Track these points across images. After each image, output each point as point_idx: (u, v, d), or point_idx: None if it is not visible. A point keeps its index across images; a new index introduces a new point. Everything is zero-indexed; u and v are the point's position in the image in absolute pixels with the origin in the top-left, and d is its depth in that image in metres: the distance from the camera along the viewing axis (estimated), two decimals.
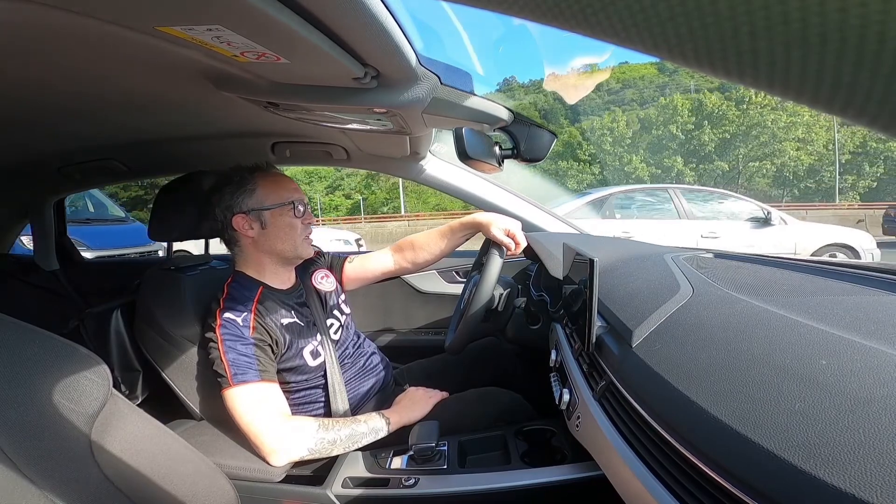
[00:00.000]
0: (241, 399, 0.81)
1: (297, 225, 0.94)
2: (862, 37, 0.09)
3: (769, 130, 24.20)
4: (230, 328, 0.84)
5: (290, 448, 0.80)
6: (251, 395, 0.82)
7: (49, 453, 0.44)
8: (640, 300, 0.60)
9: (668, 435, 0.39)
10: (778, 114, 23.94)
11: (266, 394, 0.83)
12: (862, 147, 23.53)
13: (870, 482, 0.25)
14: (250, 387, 0.82)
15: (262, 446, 0.80)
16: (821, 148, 24.01)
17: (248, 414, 0.81)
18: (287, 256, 0.96)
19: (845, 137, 23.78)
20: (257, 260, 0.95)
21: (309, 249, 0.98)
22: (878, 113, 0.10)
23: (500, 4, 0.14)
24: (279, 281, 0.98)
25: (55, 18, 0.44)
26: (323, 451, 0.82)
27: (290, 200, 0.93)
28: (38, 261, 1.69)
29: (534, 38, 49.67)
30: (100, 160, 1.27)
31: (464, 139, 0.84)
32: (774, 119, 23.97)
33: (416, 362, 1.22)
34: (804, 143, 23.93)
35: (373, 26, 0.46)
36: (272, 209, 0.92)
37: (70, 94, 0.75)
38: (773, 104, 23.78)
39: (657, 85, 34.50)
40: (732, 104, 25.17)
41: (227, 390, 0.82)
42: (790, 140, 23.95)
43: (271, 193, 0.92)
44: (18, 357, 0.47)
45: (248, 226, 0.92)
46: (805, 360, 0.36)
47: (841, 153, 23.58)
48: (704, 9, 0.10)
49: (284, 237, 0.93)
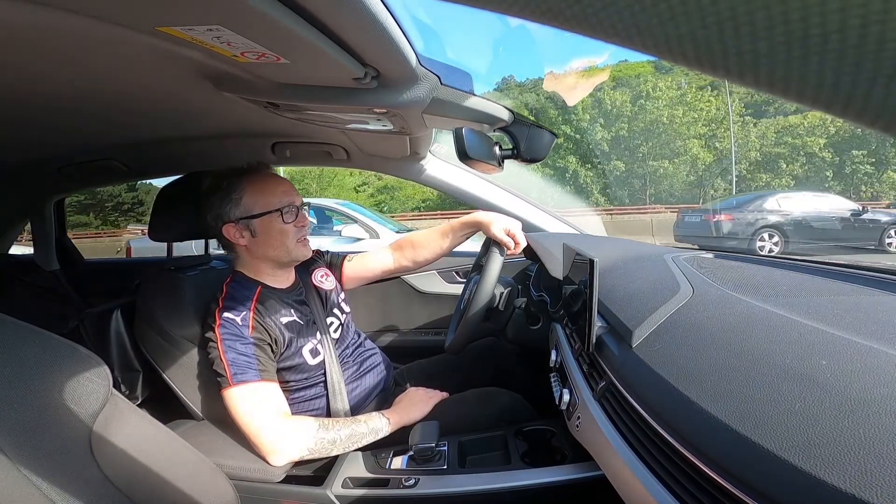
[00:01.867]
0: (240, 399, 0.81)
1: (288, 230, 0.92)
2: (862, 37, 0.09)
3: (670, 128, 23.08)
4: (229, 327, 0.84)
5: (289, 448, 0.80)
6: (251, 395, 0.82)
7: (49, 453, 0.44)
8: (640, 300, 0.60)
9: (668, 435, 0.39)
10: (676, 109, 22.83)
11: (266, 393, 0.83)
12: (777, 143, 22.97)
13: (870, 482, 0.25)
14: (250, 386, 0.82)
15: (261, 446, 0.80)
16: (729, 145, 23.13)
17: (247, 414, 0.81)
18: (282, 261, 0.96)
19: (760, 132, 23.06)
20: (254, 264, 0.95)
21: (305, 251, 0.96)
22: (878, 113, 0.10)
23: (500, 4, 0.14)
24: (278, 281, 0.98)
25: (55, 18, 0.44)
26: (323, 451, 0.82)
27: (278, 207, 0.90)
28: (38, 261, 1.69)
29: (533, 38, 49.51)
30: (100, 160, 1.27)
31: (464, 139, 0.84)
32: (671, 115, 22.80)
33: (416, 362, 1.22)
34: (708, 140, 23.00)
35: (373, 26, 0.46)
36: (260, 217, 0.90)
37: (70, 94, 0.75)
38: (672, 100, 22.88)
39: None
40: (628, 101, 24.02)
41: (227, 390, 0.82)
42: (694, 137, 22.91)
43: (259, 201, 0.90)
44: (18, 357, 0.47)
45: (238, 235, 0.91)
46: (805, 360, 0.36)
47: (750, 150, 22.92)
48: (704, 9, 0.10)
49: (276, 244, 0.92)
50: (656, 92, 23.13)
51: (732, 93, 22.89)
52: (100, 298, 1.21)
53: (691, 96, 23.44)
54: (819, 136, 22.68)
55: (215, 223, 0.92)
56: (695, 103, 23.08)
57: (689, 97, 23.33)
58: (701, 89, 23.85)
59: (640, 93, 23.85)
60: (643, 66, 33.87)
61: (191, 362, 0.96)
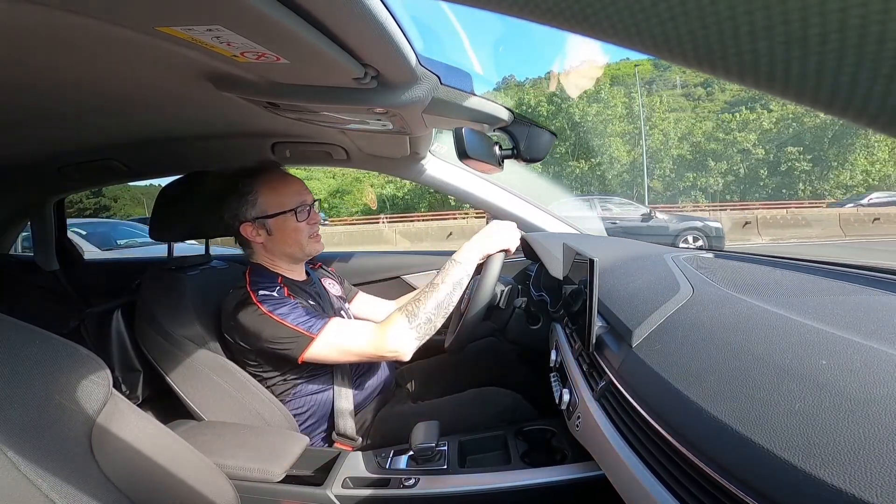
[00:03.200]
0: (331, 344, 0.83)
1: (301, 228, 0.96)
2: (862, 37, 0.09)
3: (590, 126, 22.80)
4: (271, 301, 0.86)
5: (403, 346, 0.83)
6: (338, 333, 0.84)
7: (49, 453, 0.44)
8: (640, 300, 0.60)
9: (668, 434, 0.39)
10: (592, 107, 22.44)
11: (345, 324, 0.87)
12: (708, 142, 22.59)
13: (870, 482, 0.25)
14: (329, 327, 0.84)
15: (385, 357, 0.84)
16: (658, 143, 22.80)
17: (351, 346, 0.83)
18: (297, 257, 1.00)
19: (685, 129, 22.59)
20: (270, 259, 0.99)
21: (318, 246, 1.00)
22: (877, 113, 0.10)
23: (500, 4, 0.14)
24: (294, 274, 1.01)
25: (55, 19, 0.44)
26: (428, 331, 0.85)
27: (292, 207, 0.94)
28: (38, 261, 1.69)
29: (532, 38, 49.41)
30: (100, 160, 1.27)
31: (464, 139, 0.84)
32: (583, 114, 22.52)
33: (417, 362, 1.22)
34: (629, 139, 22.59)
35: (372, 26, 0.46)
36: (275, 217, 0.94)
37: (70, 94, 0.75)
38: (587, 96, 22.47)
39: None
40: (544, 99, 23.76)
41: (310, 347, 0.82)
42: (612, 136, 22.58)
43: (273, 201, 0.94)
44: (18, 357, 0.47)
45: (255, 233, 0.95)
46: (805, 360, 0.36)
47: (671, 147, 22.48)
48: (704, 9, 0.10)
49: (291, 241, 0.96)
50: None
51: (656, 84, 22.35)
52: (100, 298, 1.21)
53: (606, 92, 22.98)
54: (751, 132, 22.36)
55: (233, 222, 0.96)
56: (609, 99, 22.64)
57: (604, 93, 22.88)
58: (613, 85, 23.34)
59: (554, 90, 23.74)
60: (641, 65, 33.39)
61: (191, 362, 0.96)
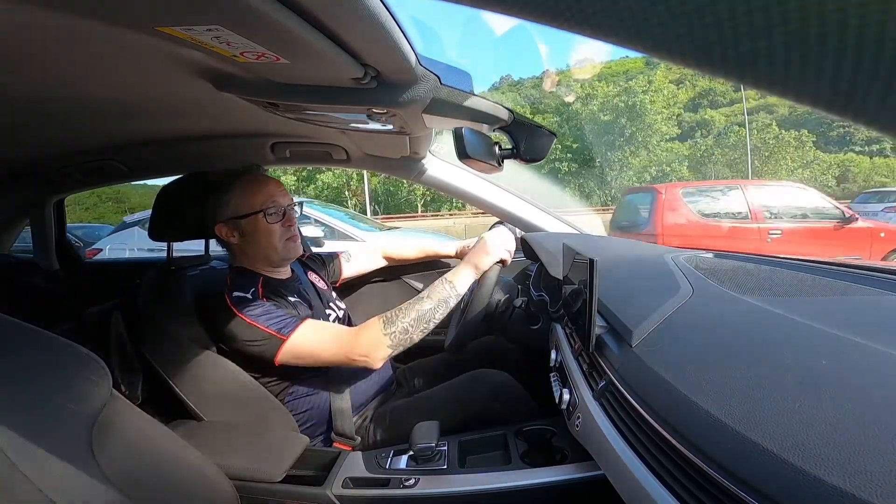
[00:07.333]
0: (301, 346, 0.83)
1: (273, 230, 0.94)
2: (861, 37, 0.09)
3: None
4: (244, 303, 0.86)
5: (374, 351, 0.82)
6: (307, 336, 0.83)
7: (49, 453, 0.44)
8: (640, 300, 0.60)
9: (669, 434, 0.39)
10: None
11: (316, 326, 0.86)
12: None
13: (870, 482, 0.25)
14: (302, 327, 0.83)
15: (355, 363, 0.83)
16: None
17: (322, 349, 0.83)
18: (273, 259, 0.98)
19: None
20: (249, 262, 0.98)
21: (296, 249, 0.99)
22: (877, 113, 0.10)
23: (500, 4, 0.14)
24: (276, 274, 1.00)
25: (55, 19, 0.44)
26: (401, 342, 0.84)
27: (261, 209, 0.93)
28: (38, 261, 1.69)
29: (532, 38, 49.54)
30: (100, 160, 1.27)
31: (464, 139, 0.84)
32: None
33: (417, 362, 1.22)
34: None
35: (372, 26, 0.46)
36: (246, 218, 0.93)
37: (70, 94, 0.75)
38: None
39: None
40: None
41: (282, 349, 0.82)
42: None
43: (245, 201, 0.93)
44: (18, 357, 0.47)
45: (229, 234, 0.95)
46: (805, 360, 0.36)
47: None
48: (704, 9, 0.10)
49: (265, 243, 0.95)
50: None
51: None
52: (100, 298, 1.21)
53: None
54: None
55: (211, 222, 0.96)
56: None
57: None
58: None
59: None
60: (634, 63, 33.19)
61: (191, 362, 0.96)
